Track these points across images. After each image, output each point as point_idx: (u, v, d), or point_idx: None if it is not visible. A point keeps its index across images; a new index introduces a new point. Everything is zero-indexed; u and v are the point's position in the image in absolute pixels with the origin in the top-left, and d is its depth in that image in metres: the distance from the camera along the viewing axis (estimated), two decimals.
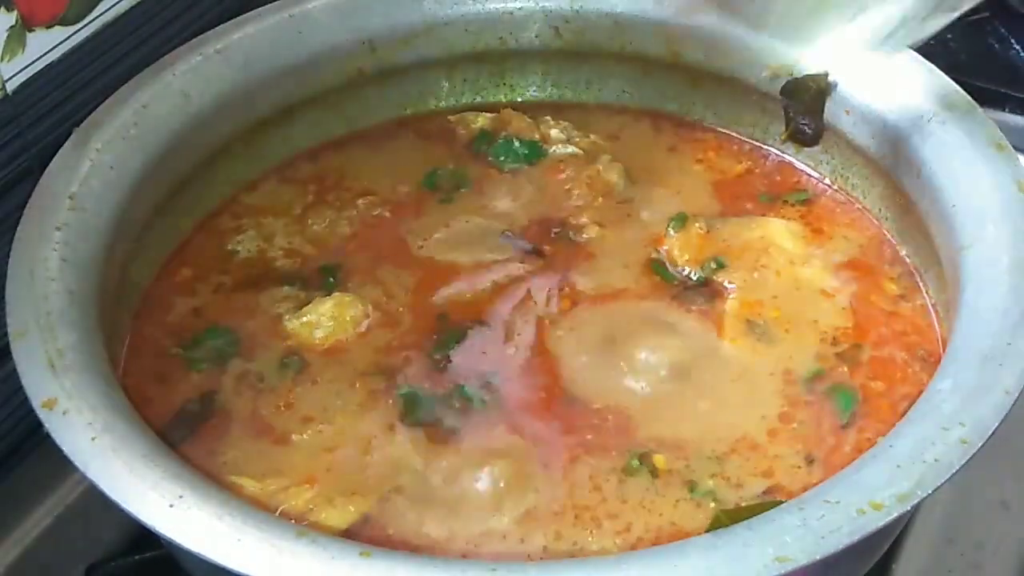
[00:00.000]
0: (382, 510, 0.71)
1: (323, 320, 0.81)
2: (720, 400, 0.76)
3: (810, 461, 0.72)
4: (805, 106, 0.90)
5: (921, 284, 0.83)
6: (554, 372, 0.78)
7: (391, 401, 0.77)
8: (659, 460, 0.72)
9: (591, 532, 0.69)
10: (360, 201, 0.91)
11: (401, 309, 0.83)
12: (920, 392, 0.68)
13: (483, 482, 0.71)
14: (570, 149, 0.95)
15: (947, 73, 0.85)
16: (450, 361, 0.79)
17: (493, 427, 0.75)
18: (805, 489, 0.67)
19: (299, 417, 0.76)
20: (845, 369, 0.78)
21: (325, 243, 0.88)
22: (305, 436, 0.75)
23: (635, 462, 0.72)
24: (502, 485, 0.71)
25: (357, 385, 0.78)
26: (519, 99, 1.01)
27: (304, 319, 0.81)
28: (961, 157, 0.79)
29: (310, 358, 0.79)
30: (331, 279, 0.85)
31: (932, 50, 1.03)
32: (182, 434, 0.74)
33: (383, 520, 0.70)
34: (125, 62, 0.89)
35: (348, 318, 0.81)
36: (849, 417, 0.75)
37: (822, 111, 0.89)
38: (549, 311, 0.82)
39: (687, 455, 0.73)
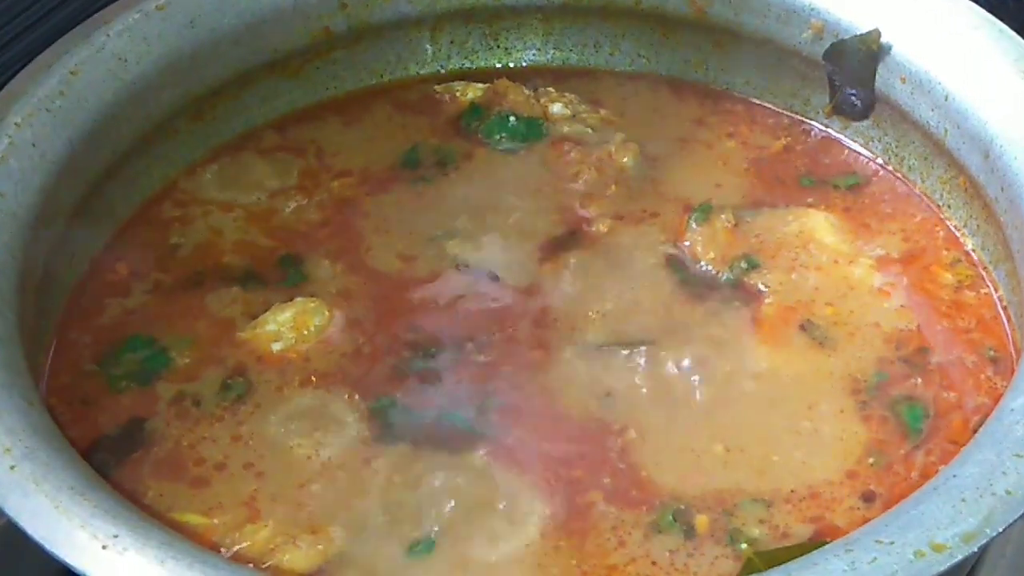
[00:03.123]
0: (354, 550, 0.70)
1: (284, 330, 0.81)
2: (776, 436, 0.76)
3: (868, 498, 0.72)
4: (853, 73, 0.90)
5: (988, 280, 0.84)
6: (555, 395, 0.78)
7: (365, 423, 0.76)
8: (701, 522, 0.71)
9: None
10: (334, 183, 0.92)
11: (369, 315, 0.83)
12: (996, 402, 0.68)
13: (468, 527, 0.71)
14: (576, 127, 0.95)
15: (1021, 33, 0.85)
16: (430, 379, 0.79)
17: (481, 456, 0.75)
18: None
19: (250, 444, 0.76)
20: (920, 380, 0.78)
21: (285, 234, 0.88)
22: (260, 466, 0.75)
23: (668, 518, 0.71)
24: (496, 524, 0.71)
25: (322, 404, 0.77)
26: (515, 64, 1.01)
27: (261, 329, 0.81)
28: None
29: (263, 373, 0.79)
30: (295, 274, 0.85)
31: (1002, 6, 1.03)
32: (105, 463, 0.74)
33: (356, 561, 0.70)
34: (49, 20, 0.89)
35: (312, 327, 0.81)
36: (920, 437, 0.75)
37: (873, 79, 0.90)
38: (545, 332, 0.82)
39: (729, 506, 0.72)
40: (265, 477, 0.74)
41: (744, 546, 0.70)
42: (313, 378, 0.79)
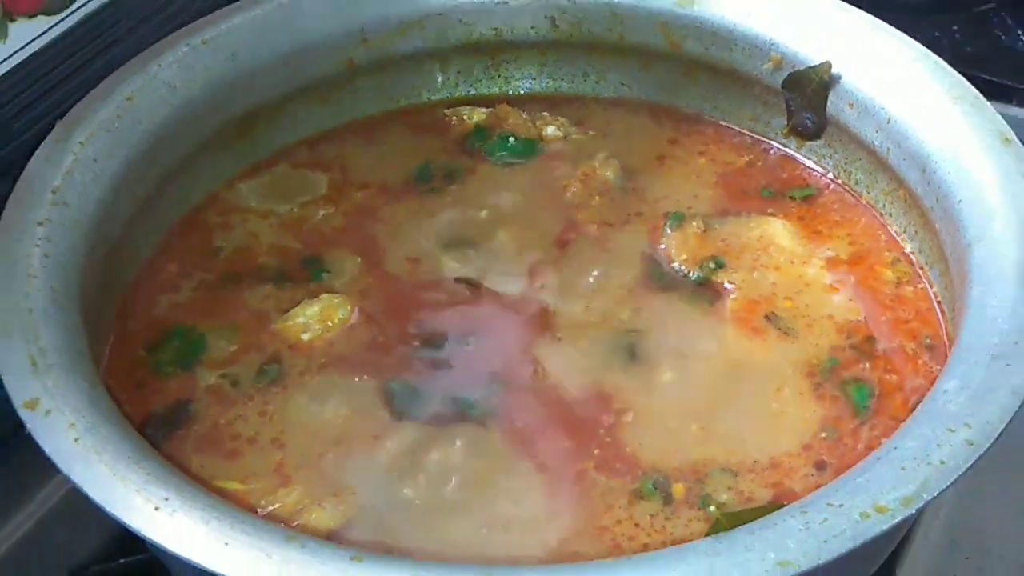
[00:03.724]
0: (371, 511, 0.70)
1: (311, 322, 0.80)
2: (745, 410, 0.76)
3: (821, 467, 0.72)
4: (807, 99, 0.90)
5: (924, 278, 0.83)
6: (548, 380, 0.78)
7: (381, 402, 0.76)
8: (677, 490, 0.71)
9: (601, 545, 0.68)
10: (357, 194, 0.91)
11: (384, 310, 0.82)
12: (932, 383, 0.68)
13: (474, 490, 0.71)
14: (567, 146, 0.94)
15: (953, 65, 0.85)
16: (436, 365, 0.78)
17: (487, 432, 0.74)
18: None
19: (282, 419, 0.75)
20: (867, 365, 0.78)
21: (312, 238, 0.88)
22: (289, 439, 0.74)
23: (649, 486, 0.71)
24: (496, 493, 0.71)
25: (344, 386, 0.77)
26: (514, 92, 1.00)
27: (292, 321, 0.81)
28: (967, 152, 0.79)
29: (294, 359, 0.79)
30: (322, 274, 0.85)
31: (937, 42, 1.04)
32: (154, 438, 0.73)
33: (374, 522, 0.70)
34: (109, 53, 0.89)
35: (336, 319, 0.81)
36: (867, 414, 0.75)
37: (825, 104, 0.89)
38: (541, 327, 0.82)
39: (702, 476, 0.72)
40: (293, 449, 0.74)
41: (712, 508, 0.70)
42: (336, 363, 0.79)
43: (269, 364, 0.79)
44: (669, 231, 0.86)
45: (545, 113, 0.97)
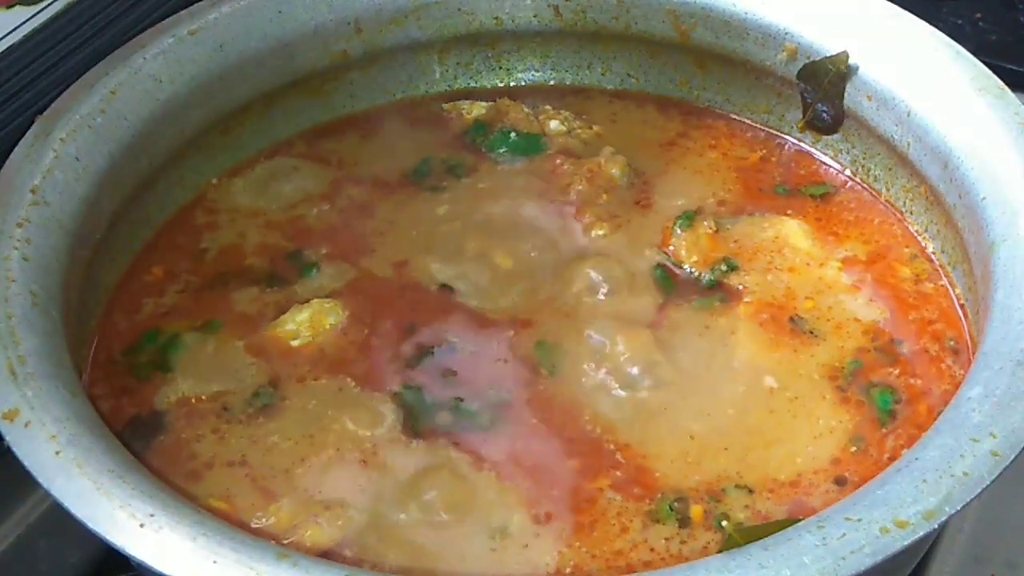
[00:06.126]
0: (370, 529, 0.70)
1: (301, 329, 0.80)
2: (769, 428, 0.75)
3: (841, 481, 0.72)
4: (824, 91, 0.90)
5: (946, 277, 0.83)
6: (550, 388, 0.78)
7: (370, 411, 0.76)
8: (696, 512, 0.70)
9: (608, 564, 0.68)
10: (352, 191, 0.91)
11: (376, 314, 0.82)
12: (956, 390, 0.68)
13: (471, 511, 0.71)
14: (571, 142, 0.95)
15: (976, 55, 0.85)
16: (437, 376, 0.78)
17: (488, 447, 0.74)
18: None
19: (272, 431, 0.75)
20: (894, 370, 0.78)
21: (303, 238, 0.88)
22: (276, 448, 0.74)
23: (666, 508, 0.71)
24: (502, 515, 0.71)
25: (333, 394, 0.77)
26: (516, 84, 1.00)
27: (281, 328, 0.81)
28: (991, 146, 0.79)
29: (282, 367, 0.79)
30: (309, 274, 0.85)
31: (960, 30, 1.04)
32: (137, 447, 0.73)
33: (371, 540, 0.70)
34: (91, 44, 0.89)
35: (327, 325, 0.81)
36: (891, 421, 0.75)
37: (842, 97, 0.89)
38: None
39: (718, 493, 0.72)
40: (281, 459, 0.73)
41: (724, 524, 0.70)
42: (326, 371, 0.78)
43: (264, 387, 0.78)
44: (679, 231, 0.86)
45: (548, 107, 0.97)
